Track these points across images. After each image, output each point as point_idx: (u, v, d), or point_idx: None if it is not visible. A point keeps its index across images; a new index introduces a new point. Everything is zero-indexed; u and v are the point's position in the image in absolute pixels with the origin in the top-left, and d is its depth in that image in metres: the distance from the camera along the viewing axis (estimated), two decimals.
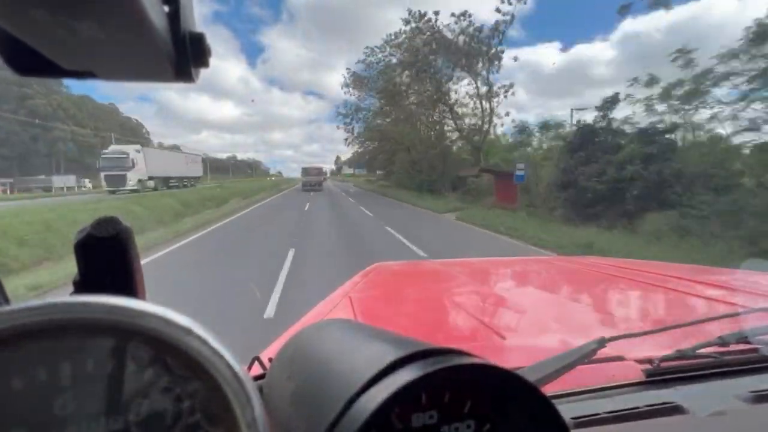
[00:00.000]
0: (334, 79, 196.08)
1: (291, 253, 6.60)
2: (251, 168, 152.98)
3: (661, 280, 1.22)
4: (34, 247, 6.78)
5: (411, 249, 7.34)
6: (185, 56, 0.24)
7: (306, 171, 39.43)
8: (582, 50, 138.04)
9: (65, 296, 0.19)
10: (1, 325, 0.17)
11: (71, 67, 0.23)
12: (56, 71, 0.23)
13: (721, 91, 9.40)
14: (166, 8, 0.22)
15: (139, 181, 24.61)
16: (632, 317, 0.95)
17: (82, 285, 0.31)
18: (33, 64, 0.23)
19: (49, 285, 5.05)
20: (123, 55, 0.23)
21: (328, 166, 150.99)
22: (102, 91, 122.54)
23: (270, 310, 3.88)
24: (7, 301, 0.36)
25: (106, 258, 0.31)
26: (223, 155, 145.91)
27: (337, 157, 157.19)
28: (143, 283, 0.34)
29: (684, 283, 1.16)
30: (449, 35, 20.97)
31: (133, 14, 0.18)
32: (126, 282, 0.32)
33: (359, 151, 41.64)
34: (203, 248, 7.79)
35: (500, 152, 20.49)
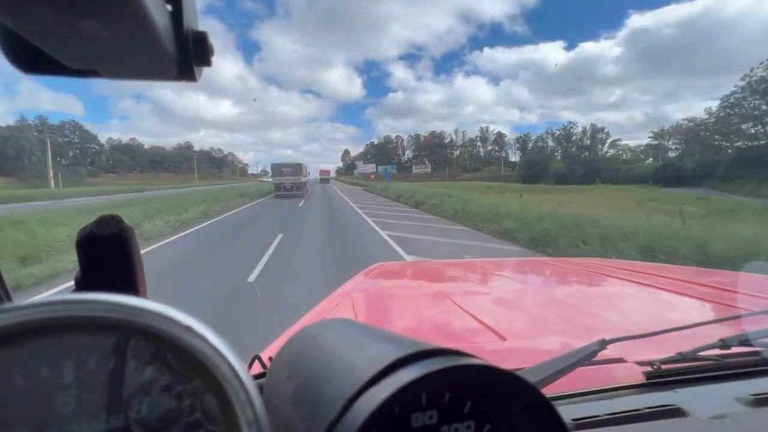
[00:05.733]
0: (332, 78, 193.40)
1: None
2: (215, 164, 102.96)
3: (662, 282, 1.22)
4: None
5: None
6: (188, 55, 0.24)
7: (278, 169, 24.74)
8: (587, 48, 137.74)
9: (67, 293, 0.19)
10: (2, 323, 0.17)
11: (75, 66, 0.24)
12: (60, 70, 0.24)
13: None
14: (169, 7, 0.22)
15: None
16: (633, 319, 0.95)
17: (84, 282, 0.31)
18: (37, 62, 0.23)
19: None
20: (126, 53, 0.23)
21: (332, 166, 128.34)
22: (100, 88, 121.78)
23: None
24: (8, 298, 0.36)
25: (108, 256, 0.31)
26: (169, 147, 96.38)
27: (346, 151, 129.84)
28: (144, 280, 0.34)
29: (685, 285, 1.16)
30: None
31: (136, 13, 0.18)
32: (128, 279, 0.32)
33: None
34: None
35: None
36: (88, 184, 47.08)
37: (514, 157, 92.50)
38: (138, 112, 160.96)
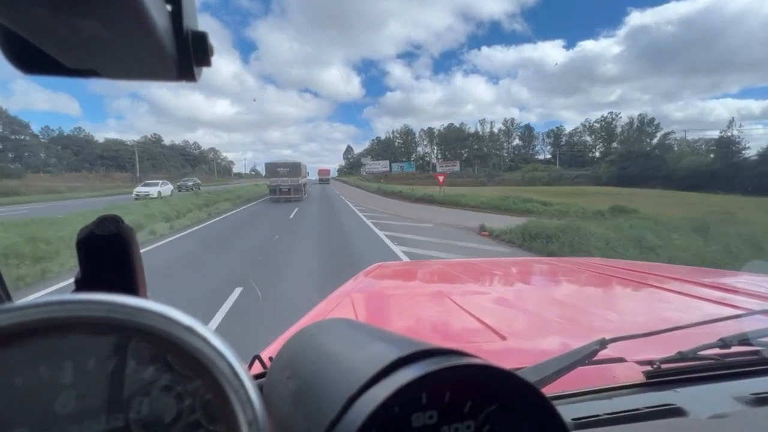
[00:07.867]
0: (330, 77, 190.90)
1: None
2: (189, 162, 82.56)
3: (662, 282, 1.22)
4: None
5: None
6: (188, 55, 0.24)
7: (273, 169, 21.32)
8: (587, 47, 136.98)
9: (67, 294, 0.19)
10: (2, 323, 0.17)
11: (74, 66, 0.24)
12: (60, 70, 0.24)
13: None
14: (169, 7, 0.22)
15: None
16: (633, 318, 0.95)
17: (84, 283, 0.31)
18: (37, 62, 0.23)
19: None
20: (126, 53, 0.23)
21: (331, 166, 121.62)
22: (96, 87, 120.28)
23: None
24: (9, 298, 0.36)
25: (108, 256, 0.31)
26: (130, 140, 71.62)
27: (348, 148, 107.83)
28: (145, 281, 0.34)
29: (685, 285, 1.16)
30: None
31: (135, 13, 0.18)
32: (128, 280, 0.32)
33: None
34: None
35: None
36: None
37: (543, 153, 79.21)
38: (134, 111, 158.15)
